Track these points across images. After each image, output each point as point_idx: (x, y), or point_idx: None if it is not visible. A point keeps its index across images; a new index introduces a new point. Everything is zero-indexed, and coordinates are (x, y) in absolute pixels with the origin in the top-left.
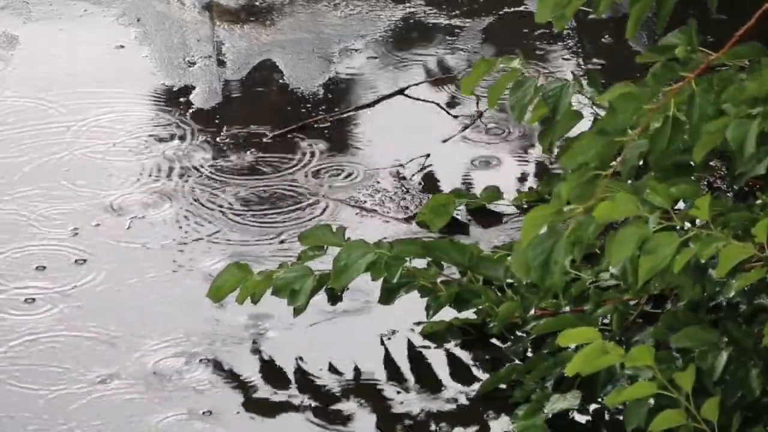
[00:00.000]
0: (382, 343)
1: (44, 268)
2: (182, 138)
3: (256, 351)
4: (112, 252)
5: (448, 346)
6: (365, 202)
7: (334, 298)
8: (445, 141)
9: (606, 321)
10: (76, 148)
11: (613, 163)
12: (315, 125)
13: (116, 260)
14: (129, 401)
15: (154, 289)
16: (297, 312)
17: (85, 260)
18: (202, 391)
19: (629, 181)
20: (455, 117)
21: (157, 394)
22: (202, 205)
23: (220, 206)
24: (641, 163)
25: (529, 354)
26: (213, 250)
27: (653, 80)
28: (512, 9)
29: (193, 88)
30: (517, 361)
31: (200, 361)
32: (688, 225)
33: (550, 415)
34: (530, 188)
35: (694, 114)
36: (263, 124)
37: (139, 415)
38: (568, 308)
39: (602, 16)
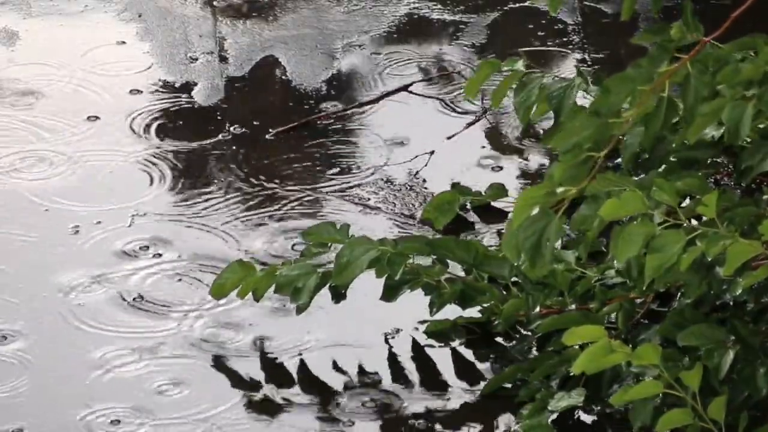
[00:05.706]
0: (386, 341)
1: None
2: (182, 136)
3: (258, 350)
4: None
5: (452, 344)
6: (369, 199)
7: (338, 295)
8: (449, 138)
9: (612, 319)
10: (78, 146)
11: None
12: (318, 122)
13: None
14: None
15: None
16: (300, 310)
17: None
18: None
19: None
20: (460, 114)
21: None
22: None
23: (219, 204)
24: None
25: (534, 352)
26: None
27: (648, 62)
28: (517, 5)
29: (195, 84)
30: (521, 360)
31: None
32: (694, 222)
33: (555, 414)
34: None
35: (689, 95)
36: (266, 121)
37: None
38: (573, 306)
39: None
